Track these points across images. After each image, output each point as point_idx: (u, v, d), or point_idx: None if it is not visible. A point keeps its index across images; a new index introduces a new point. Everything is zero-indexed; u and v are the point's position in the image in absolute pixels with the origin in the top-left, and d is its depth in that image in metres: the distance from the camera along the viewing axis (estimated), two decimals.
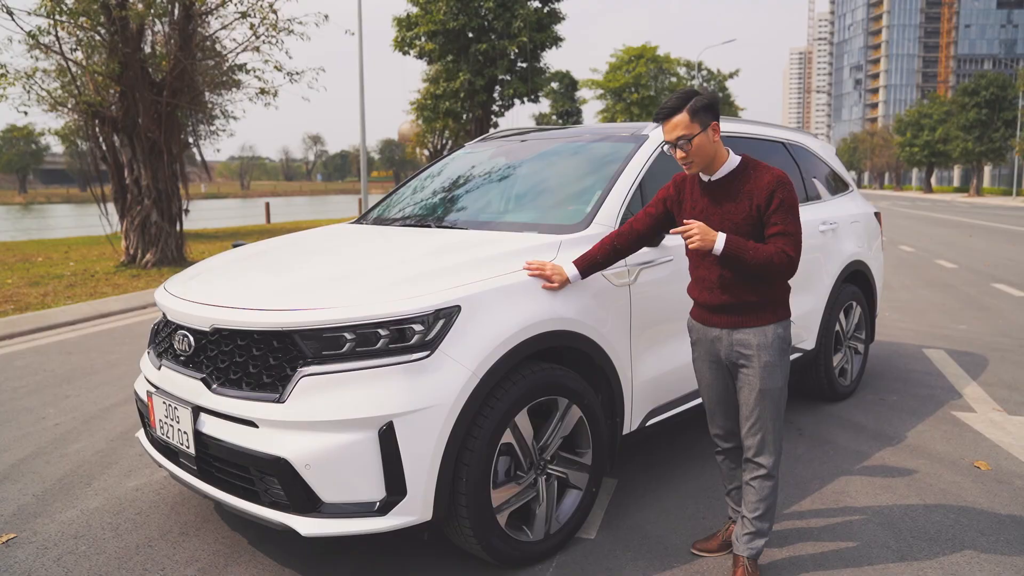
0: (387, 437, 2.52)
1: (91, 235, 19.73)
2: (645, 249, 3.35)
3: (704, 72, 53.67)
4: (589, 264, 2.99)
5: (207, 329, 2.79)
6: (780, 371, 2.68)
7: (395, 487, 2.55)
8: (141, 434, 3.37)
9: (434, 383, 2.58)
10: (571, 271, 2.97)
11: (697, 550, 3.03)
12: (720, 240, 2.54)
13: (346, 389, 2.55)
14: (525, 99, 26.50)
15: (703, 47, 78.02)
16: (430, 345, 2.60)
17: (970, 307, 8.71)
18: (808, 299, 4.61)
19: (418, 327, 2.59)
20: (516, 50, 24.49)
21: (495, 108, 27.03)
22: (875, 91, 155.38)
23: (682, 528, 3.28)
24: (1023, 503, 3.50)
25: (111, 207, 12.76)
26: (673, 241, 3.47)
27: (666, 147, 2.67)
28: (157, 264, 12.34)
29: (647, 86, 45.54)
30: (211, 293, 2.95)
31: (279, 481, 2.55)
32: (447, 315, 2.64)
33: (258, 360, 2.67)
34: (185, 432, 2.81)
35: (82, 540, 3.22)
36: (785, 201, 2.56)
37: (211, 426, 2.74)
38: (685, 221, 2.61)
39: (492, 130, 27.52)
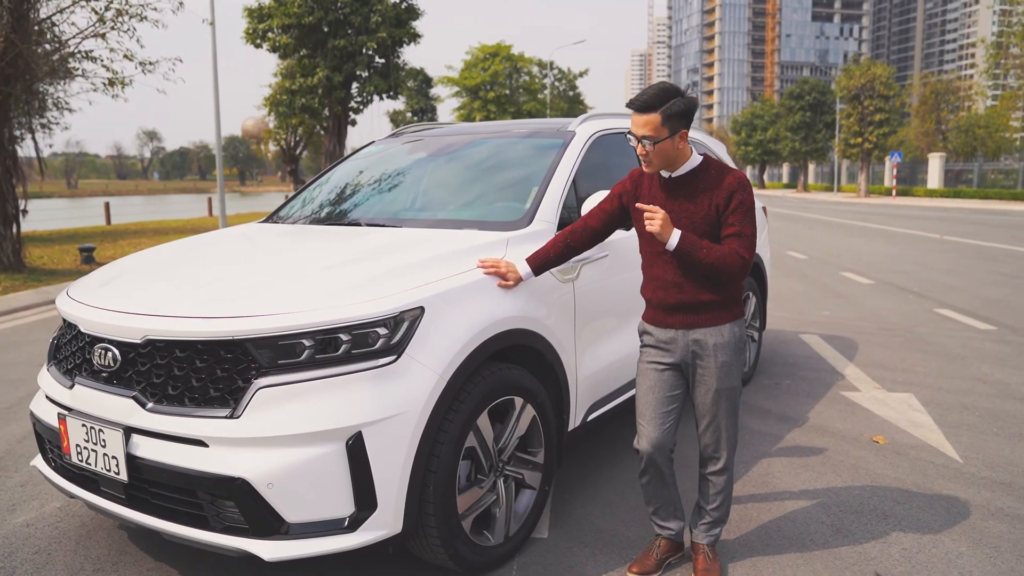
0: (356, 449, 2.37)
1: None
2: None
3: (556, 71, 55.01)
4: (543, 262, 2.95)
5: (138, 341, 2.52)
6: (736, 370, 2.71)
7: (365, 501, 2.40)
8: (39, 462, 3.00)
9: (402, 389, 2.46)
10: (524, 269, 2.92)
11: (636, 573, 2.83)
12: (675, 236, 2.55)
13: (308, 400, 2.37)
14: (384, 96, 26.09)
15: (555, 47, 79.56)
16: (395, 349, 2.47)
17: (827, 295, 9.42)
18: None
19: (382, 331, 2.46)
20: (375, 46, 24.05)
21: (353, 105, 26.44)
22: (710, 92, 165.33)
23: (630, 520, 3.32)
24: (922, 472, 3.81)
25: None
26: (611, 237, 3.50)
27: (629, 136, 2.63)
28: None
29: (504, 84, 46.10)
30: (140, 300, 2.66)
31: (237, 504, 2.34)
32: (412, 317, 2.53)
33: (203, 373, 2.44)
34: (114, 457, 2.52)
35: None
36: (744, 202, 2.59)
37: (148, 448, 2.48)
38: (651, 206, 2.57)
39: (350, 127, 27.02)
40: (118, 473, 2.52)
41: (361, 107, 26.24)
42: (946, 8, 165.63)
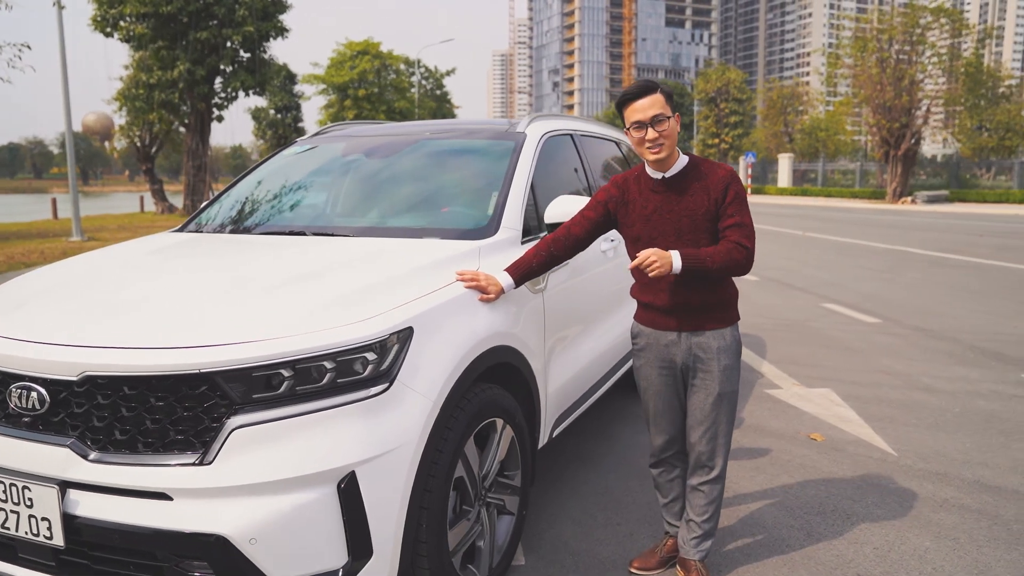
0: (349, 491, 2.10)
1: None
2: None
3: (423, 69, 54.56)
4: (525, 273, 2.77)
5: (73, 378, 2.12)
6: (737, 373, 2.67)
7: (360, 549, 2.14)
8: None
9: (396, 420, 2.21)
10: (505, 280, 2.73)
11: (637, 569, 2.91)
12: (676, 259, 2.46)
13: (292, 439, 2.08)
14: (251, 92, 24.89)
15: (421, 46, 79.08)
16: (386, 376, 2.21)
17: None
18: None
19: (371, 356, 2.19)
20: (240, 40, 22.85)
21: (218, 100, 25.05)
22: (571, 93, 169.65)
23: (605, 539, 3.20)
24: (864, 467, 3.92)
25: None
26: None
27: (633, 128, 2.54)
28: None
29: (373, 82, 45.14)
30: (71, 328, 2.25)
31: (212, 564, 2.02)
32: (402, 339, 2.27)
33: (161, 413, 2.08)
34: (45, 519, 2.11)
35: None
36: (739, 194, 2.57)
37: (91, 506, 2.09)
38: (638, 254, 2.48)
39: (215, 124, 25.54)
40: (50, 537, 2.12)
41: (226, 103, 24.88)
42: (784, 19, 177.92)
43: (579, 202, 3.12)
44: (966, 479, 3.76)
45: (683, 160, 2.62)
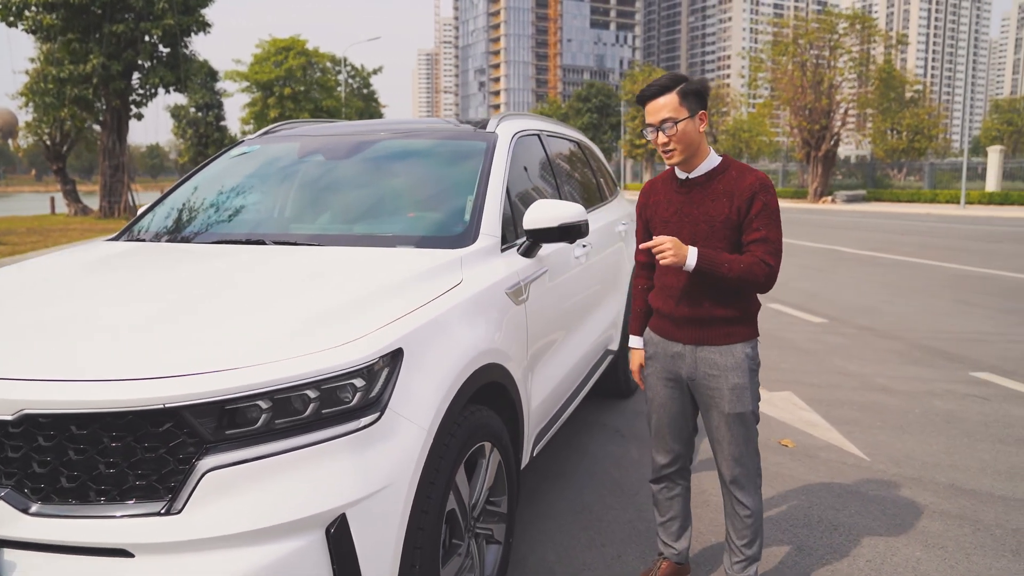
0: (339, 536, 1.86)
1: None
2: (528, 262, 3.04)
3: (349, 68, 53.60)
4: (647, 323, 2.72)
5: (8, 418, 1.81)
6: (751, 394, 2.49)
7: None
8: None
9: (389, 453, 1.97)
10: (640, 343, 2.74)
11: None
12: (692, 255, 2.32)
13: (273, 481, 1.82)
14: (172, 89, 23.84)
15: (347, 43, 77.39)
16: (376, 404, 1.98)
17: None
18: (615, 300, 4.64)
19: (359, 382, 1.95)
20: (160, 34, 21.85)
21: (135, 97, 23.91)
22: (497, 93, 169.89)
23: (592, 562, 3.02)
24: (840, 474, 3.86)
25: None
26: (546, 250, 3.18)
27: (647, 131, 2.41)
28: None
29: (300, 80, 44.00)
30: (2, 358, 1.92)
31: None
32: (392, 362, 2.04)
33: (117, 455, 1.80)
34: None
35: None
36: (768, 205, 2.38)
37: (31, 568, 1.79)
38: (655, 237, 2.37)
39: (134, 122, 24.35)
40: None
41: (145, 100, 23.76)
42: (705, 23, 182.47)
43: (560, 207, 2.94)
44: (940, 483, 3.74)
45: (713, 161, 2.45)
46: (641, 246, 2.48)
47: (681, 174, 2.48)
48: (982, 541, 3.16)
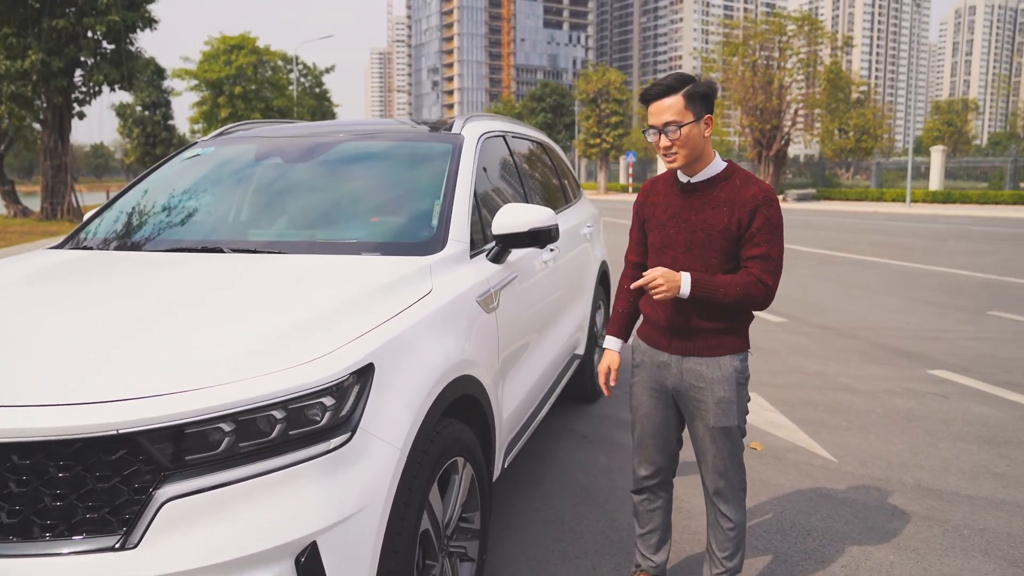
0: (309, 566, 1.75)
1: None
2: (498, 268, 2.95)
3: (301, 66, 52.79)
4: (625, 326, 2.64)
5: None
6: (737, 408, 2.42)
7: None
8: None
9: (361, 475, 1.87)
10: (616, 345, 2.64)
11: None
12: (686, 283, 2.26)
13: (238, 509, 1.71)
14: (116, 87, 23.11)
15: (299, 41, 76.28)
16: (347, 423, 1.87)
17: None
18: (582, 304, 4.58)
19: (328, 401, 1.85)
20: (104, 30, 21.16)
21: (78, 95, 23.13)
22: (451, 92, 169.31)
23: (567, 575, 2.94)
24: (810, 477, 3.86)
25: None
26: (514, 256, 3.10)
27: (649, 133, 2.32)
28: None
29: (250, 79, 43.13)
30: None
31: None
32: (361, 379, 1.93)
33: (65, 486, 1.66)
34: None
35: None
36: (771, 219, 2.30)
37: None
38: (644, 273, 2.30)
39: (76, 121, 23.54)
40: None
41: (88, 98, 22.99)
42: (657, 23, 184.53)
43: (530, 212, 2.86)
44: (907, 484, 3.76)
45: (717, 166, 2.36)
46: (632, 285, 2.38)
47: (683, 177, 2.40)
48: (952, 542, 3.17)
